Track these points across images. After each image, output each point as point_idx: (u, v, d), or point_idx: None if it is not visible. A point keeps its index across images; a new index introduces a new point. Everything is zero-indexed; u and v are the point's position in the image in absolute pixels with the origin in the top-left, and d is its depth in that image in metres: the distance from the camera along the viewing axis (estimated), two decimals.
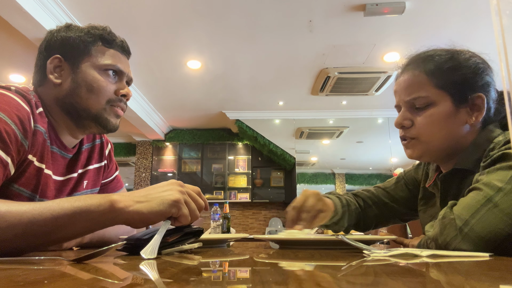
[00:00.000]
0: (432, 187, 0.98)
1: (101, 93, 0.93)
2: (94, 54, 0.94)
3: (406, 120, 0.90)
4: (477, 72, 0.87)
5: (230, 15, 3.29)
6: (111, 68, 0.95)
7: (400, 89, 0.92)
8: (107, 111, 0.94)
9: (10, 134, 0.74)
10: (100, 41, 0.95)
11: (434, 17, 3.33)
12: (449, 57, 0.88)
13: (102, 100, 0.93)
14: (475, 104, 0.86)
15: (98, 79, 0.92)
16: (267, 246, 1.07)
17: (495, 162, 0.74)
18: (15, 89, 0.84)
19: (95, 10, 3.17)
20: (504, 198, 0.67)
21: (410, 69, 0.91)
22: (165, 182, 0.71)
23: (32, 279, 0.36)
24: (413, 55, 0.95)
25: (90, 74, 0.92)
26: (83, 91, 0.91)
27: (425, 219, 1.02)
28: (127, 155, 7.12)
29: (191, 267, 0.52)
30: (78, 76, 0.92)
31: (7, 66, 4.07)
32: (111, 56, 0.96)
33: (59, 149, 0.93)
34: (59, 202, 0.63)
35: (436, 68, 0.87)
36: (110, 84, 0.94)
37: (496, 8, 0.34)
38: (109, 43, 0.96)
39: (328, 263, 0.56)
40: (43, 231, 0.61)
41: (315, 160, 7.19)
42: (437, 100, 0.86)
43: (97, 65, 0.93)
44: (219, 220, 2.80)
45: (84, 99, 0.92)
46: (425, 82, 0.88)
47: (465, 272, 0.45)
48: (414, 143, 0.90)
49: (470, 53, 0.90)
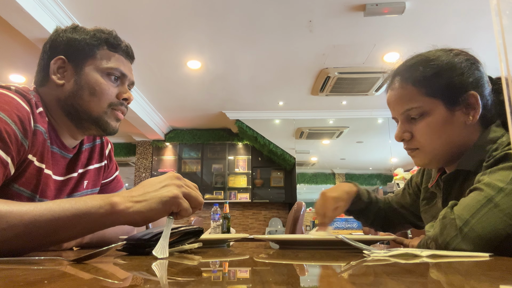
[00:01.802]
0: (434, 187, 0.98)
1: (103, 96, 0.93)
2: (98, 57, 0.94)
3: (406, 133, 0.90)
4: (463, 71, 0.85)
5: (230, 15, 3.29)
6: (114, 72, 0.95)
7: (392, 103, 0.93)
8: (108, 114, 0.94)
9: (10, 134, 0.74)
10: (105, 45, 0.95)
11: (434, 17, 3.33)
12: (432, 63, 0.87)
13: (104, 103, 0.93)
14: (469, 103, 0.84)
15: (101, 82, 0.93)
16: (267, 246, 1.07)
17: (497, 162, 0.74)
18: (15, 88, 0.84)
19: (95, 10, 3.17)
20: (505, 198, 0.67)
21: (396, 82, 0.91)
22: (162, 177, 0.71)
23: (32, 279, 0.36)
24: (396, 68, 0.95)
25: (93, 77, 0.93)
26: (85, 94, 0.92)
27: (427, 219, 1.03)
28: (127, 155, 7.12)
29: (191, 267, 0.52)
30: (81, 78, 0.92)
31: (7, 66, 4.07)
32: (115, 60, 0.96)
33: (59, 149, 0.93)
34: (59, 203, 0.63)
35: (421, 77, 0.86)
36: (112, 88, 0.95)
37: (496, 8, 0.34)
38: (114, 47, 0.97)
39: (328, 263, 0.56)
40: (44, 232, 0.61)
41: (315, 160, 7.19)
42: (430, 108, 0.86)
43: (100, 68, 0.94)
44: (219, 220, 2.80)
45: (86, 101, 0.92)
46: (414, 93, 0.87)
47: (465, 272, 0.45)
48: (418, 153, 0.91)
49: (453, 51, 0.89)
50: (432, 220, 0.98)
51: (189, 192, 0.70)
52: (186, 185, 0.71)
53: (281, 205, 6.68)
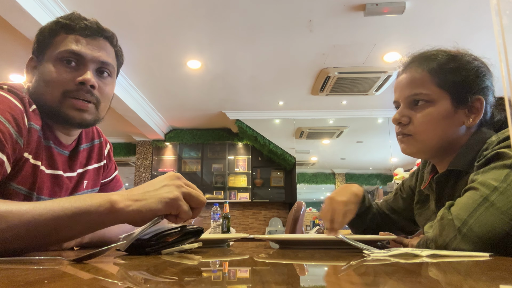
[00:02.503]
0: (427, 188, 0.99)
1: (53, 84, 0.85)
2: (54, 45, 0.87)
3: (404, 117, 0.91)
4: (478, 76, 0.88)
5: (230, 15, 3.29)
6: (64, 54, 0.85)
7: (401, 85, 0.93)
8: (64, 105, 0.86)
9: (4, 133, 0.74)
10: (61, 30, 0.87)
11: (434, 17, 3.33)
12: (452, 58, 0.89)
13: (56, 93, 0.85)
14: (474, 106, 0.87)
15: (50, 71, 0.85)
16: (267, 246, 1.07)
17: (489, 161, 0.75)
18: (8, 87, 0.83)
19: (95, 10, 3.17)
20: (500, 196, 0.68)
21: (412, 67, 0.92)
22: (163, 177, 0.70)
23: (32, 279, 0.36)
24: (416, 54, 0.96)
25: (46, 67, 0.86)
26: (41, 87, 0.86)
27: (421, 222, 1.04)
28: (127, 155, 7.12)
29: (191, 267, 0.52)
30: (38, 73, 0.87)
31: (7, 66, 4.07)
32: (68, 42, 0.86)
33: (55, 145, 0.92)
34: (59, 202, 0.63)
35: (438, 67, 0.88)
36: (65, 73, 0.85)
37: (496, 8, 0.34)
38: (71, 29, 0.87)
39: (328, 263, 0.56)
40: (44, 231, 0.61)
41: (315, 160, 7.19)
42: (437, 99, 0.87)
43: (52, 56, 0.86)
44: (219, 220, 2.80)
45: (41, 94, 0.86)
46: (427, 80, 0.88)
47: (465, 272, 0.45)
48: (409, 139, 0.91)
49: (473, 56, 0.91)
50: (425, 222, 0.99)
51: (190, 192, 0.69)
52: (186, 185, 0.71)
53: (281, 205, 6.68)
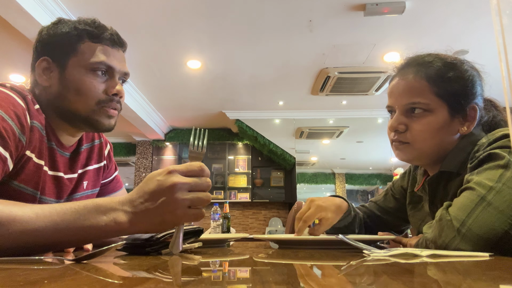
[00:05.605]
0: (420, 190, 0.99)
1: (89, 95, 0.88)
2: (80, 52, 0.88)
3: (401, 125, 0.90)
4: (474, 84, 0.88)
5: (230, 15, 3.29)
6: (99, 66, 0.88)
7: (398, 92, 0.92)
8: (97, 113, 0.89)
9: (7, 130, 0.74)
10: (86, 37, 0.89)
11: (434, 17, 3.33)
12: (450, 66, 0.89)
13: (91, 102, 0.88)
14: (469, 114, 0.88)
15: (84, 81, 0.87)
16: (267, 246, 1.07)
17: (482, 162, 0.76)
18: (10, 86, 0.83)
19: (96, 10, 3.17)
20: (497, 196, 0.68)
21: (409, 73, 0.91)
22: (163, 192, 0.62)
23: (32, 279, 0.36)
24: (411, 58, 0.95)
25: (76, 75, 0.87)
26: (71, 94, 0.87)
27: (415, 223, 1.05)
28: (127, 155, 7.12)
29: (191, 267, 0.52)
30: (65, 78, 0.88)
31: (7, 66, 4.07)
32: (99, 53, 0.89)
33: (57, 147, 0.92)
34: (63, 216, 0.62)
35: (437, 76, 0.87)
36: (99, 84, 0.89)
37: (496, 8, 0.34)
38: (97, 37, 0.90)
39: (328, 263, 0.56)
40: (44, 243, 0.61)
41: (315, 160, 7.18)
42: (435, 108, 0.87)
43: (83, 64, 0.88)
44: (219, 220, 2.80)
45: (72, 102, 0.88)
46: (425, 89, 0.88)
47: (464, 272, 0.45)
48: (406, 147, 0.91)
49: (469, 64, 0.91)
50: (420, 223, 0.99)
51: (194, 198, 0.63)
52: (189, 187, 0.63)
53: (281, 204, 6.68)
